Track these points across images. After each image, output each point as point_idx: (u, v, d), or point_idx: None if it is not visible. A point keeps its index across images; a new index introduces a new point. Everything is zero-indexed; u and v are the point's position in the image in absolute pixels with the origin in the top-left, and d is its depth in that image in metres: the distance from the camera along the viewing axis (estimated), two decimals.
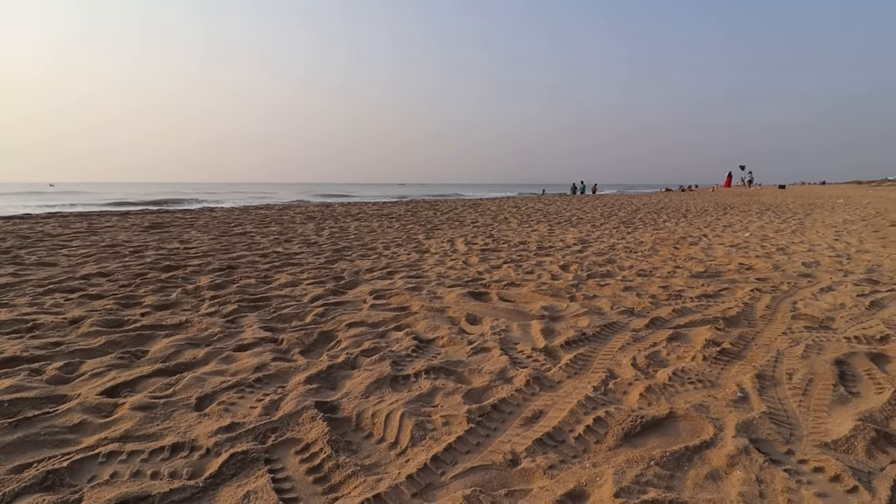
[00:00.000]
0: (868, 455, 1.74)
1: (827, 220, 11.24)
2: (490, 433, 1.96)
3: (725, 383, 2.37)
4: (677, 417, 2.02)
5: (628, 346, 2.90)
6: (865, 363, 2.57)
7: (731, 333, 3.08)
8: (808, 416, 2.04)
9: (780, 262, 5.70)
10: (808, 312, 3.55)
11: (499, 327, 3.23)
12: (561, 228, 9.81)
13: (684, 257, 6.16)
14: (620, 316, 3.53)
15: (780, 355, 2.71)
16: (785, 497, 1.52)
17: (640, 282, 4.69)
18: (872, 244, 7.10)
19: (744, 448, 1.75)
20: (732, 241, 7.61)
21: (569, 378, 2.47)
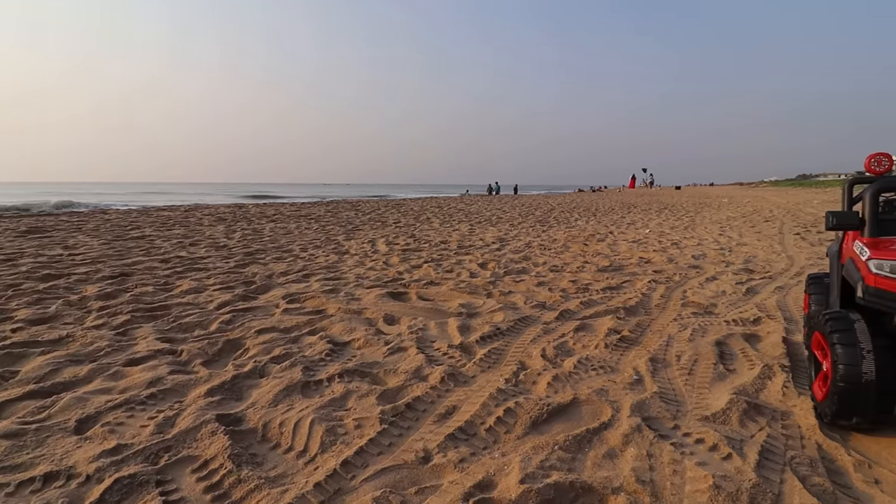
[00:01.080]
0: (741, 424, 1.95)
1: (714, 217, 12.50)
2: (403, 432, 1.95)
3: (624, 368, 2.55)
4: (580, 402, 2.14)
5: (539, 339, 3.03)
6: (741, 343, 2.88)
7: (630, 322, 3.33)
8: (692, 393, 2.25)
9: (673, 255, 6.25)
10: (696, 300, 3.92)
11: (416, 326, 3.23)
12: (481, 228, 10.04)
13: (592, 253, 6.56)
14: (533, 310, 3.67)
15: (671, 339, 2.97)
16: (671, 469, 1.65)
17: (552, 277, 4.92)
18: (749, 238, 8.00)
19: (637, 426, 1.89)
20: (634, 238, 8.22)
21: (483, 372, 2.52)
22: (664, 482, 1.59)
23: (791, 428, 1.93)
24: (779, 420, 1.98)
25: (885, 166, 2.62)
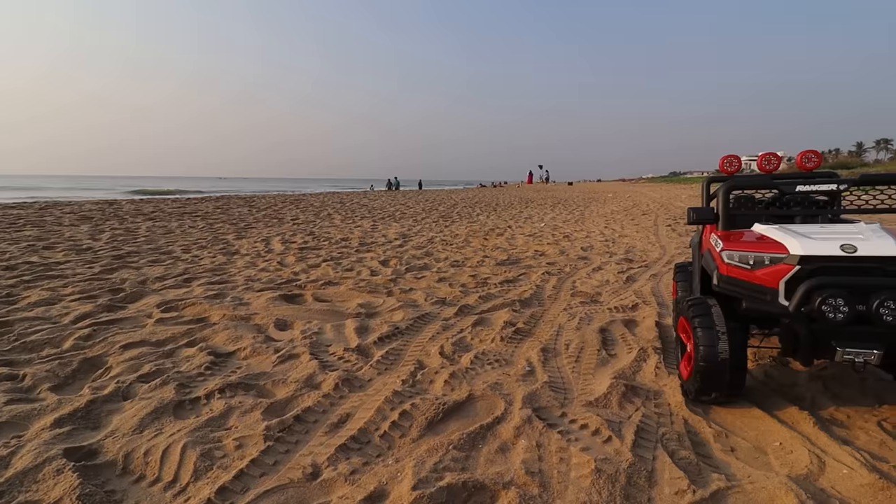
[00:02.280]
0: (620, 407, 2.09)
1: (600, 211, 13.56)
2: (291, 448, 1.81)
3: (517, 360, 2.62)
4: (475, 399, 2.16)
5: (438, 336, 3.02)
6: (621, 328, 3.11)
7: (524, 314, 3.45)
8: (578, 380, 2.37)
9: (565, 247, 6.64)
10: (583, 290, 4.18)
11: (311, 330, 3.07)
12: (384, 224, 9.91)
13: (492, 247, 6.75)
14: (433, 307, 3.66)
15: (561, 329, 3.12)
16: (558, 457, 1.72)
17: (453, 272, 4.97)
18: (630, 230, 8.77)
19: (527, 418, 1.94)
20: (531, 231, 8.62)
21: (379, 375, 2.45)
22: (552, 471, 1.64)
23: (662, 406, 2.10)
24: (652, 400, 2.15)
25: (735, 167, 2.95)
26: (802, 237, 1.91)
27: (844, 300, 1.71)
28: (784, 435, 1.85)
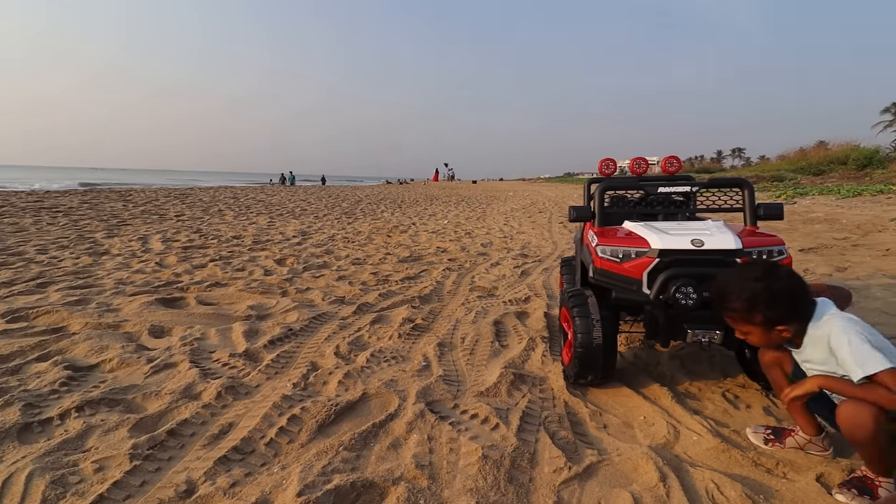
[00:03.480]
0: (508, 395, 2.19)
1: (501, 209, 14.14)
2: (163, 465, 1.66)
3: (414, 356, 2.65)
4: (370, 397, 2.14)
5: (334, 335, 2.95)
6: (514, 320, 3.27)
7: (423, 310, 3.49)
8: (472, 372, 2.45)
9: (466, 244, 6.83)
10: (481, 284, 4.33)
11: (192, 336, 2.83)
12: (283, 220, 9.45)
13: (395, 244, 6.74)
14: (331, 306, 3.57)
15: (458, 323, 3.21)
16: (448, 447, 1.76)
17: (353, 270, 4.88)
18: (527, 227, 9.25)
19: (420, 412, 1.96)
20: (434, 228, 8.74)
21: (268, 380, 2.33)
22: (441, 462, 1.68)
23: (546, 391, 2.24)
24: (537, 386, 2.29)
25: (611, 169, 3.22)
26: (661, 233, 2.14)
27: (693, 288, 1.94)
28: (647, 409, 2.07)
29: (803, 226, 7.72)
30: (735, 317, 1.60)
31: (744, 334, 1.63)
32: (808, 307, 1.55)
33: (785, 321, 1.54)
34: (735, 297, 1.57)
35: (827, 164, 19.06)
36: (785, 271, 1.59)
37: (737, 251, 2.00)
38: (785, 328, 1.55)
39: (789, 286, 1.54)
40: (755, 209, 2.48)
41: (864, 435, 1.37)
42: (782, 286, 1.53)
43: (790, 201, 11.60)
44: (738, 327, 1.63)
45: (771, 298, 1.52)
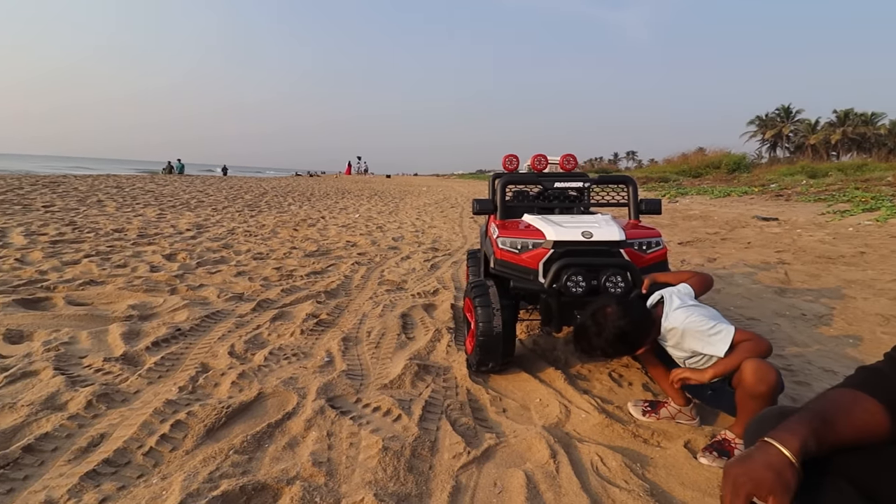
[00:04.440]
0: (412, 386, 2.20)
1: (414, 203, 14.16)
2: (16, 486, 1.45)
3: (317, 352, 2.56)
4: (266, 397, 2.03)
5: (230, 334, 2.77)
6: (421, 312, 3.28)
7: (329, 305, 3.39)
8: (377, 365, 2.43)
9: (377, 238, 6.75)
10: (391, 278, 4.30)
11: (58, 340, 2.50)
12: (175, 213, 8.68)
13: (302, 238, 6.48)
14: (227, 303, 3.35)
15: (365, 317, 3.16)
16: (348, 442, 1.72)
17: (254, 265, 4.61)
18: (439, 221, 9.36)
19: (320, 409, 1.90)
20: (345, 222, 8.54)
21: (150, 385, 2.13)
22: (340, 458, 1.64)
23: (450, 380, 2.28)
24: (441, 375, 2.32)
25: (514, 165, 3.34)
26: (556, 226, 2.26)
27: (583, 276, 2.08)
28: (543, 392, 2.18)
29: (683, 222, 8.62)
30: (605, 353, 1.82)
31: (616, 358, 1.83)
32: (648, 328, 1.77)
33: (638, 346, 1.79)
34: (599, 352, 1.80)
35: (704, 167, 21.41)
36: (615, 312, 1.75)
37: (620, 242, 2.18)
38: (642, 348, 1.80)
39: (622, 330, 1.73)
40: (638, 204, 2.71)
41: (767, 389, 1.51)
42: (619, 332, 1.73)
43: (673, 200, 12.89)
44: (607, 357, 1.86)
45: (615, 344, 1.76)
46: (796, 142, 55.50)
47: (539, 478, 1.57)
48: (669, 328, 1.75)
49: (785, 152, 54.23)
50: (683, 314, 1.72)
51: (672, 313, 1.76)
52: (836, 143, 50.53)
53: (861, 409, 0.90)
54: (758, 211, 9.40)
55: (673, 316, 1.75)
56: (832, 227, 7.04)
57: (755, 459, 0.85)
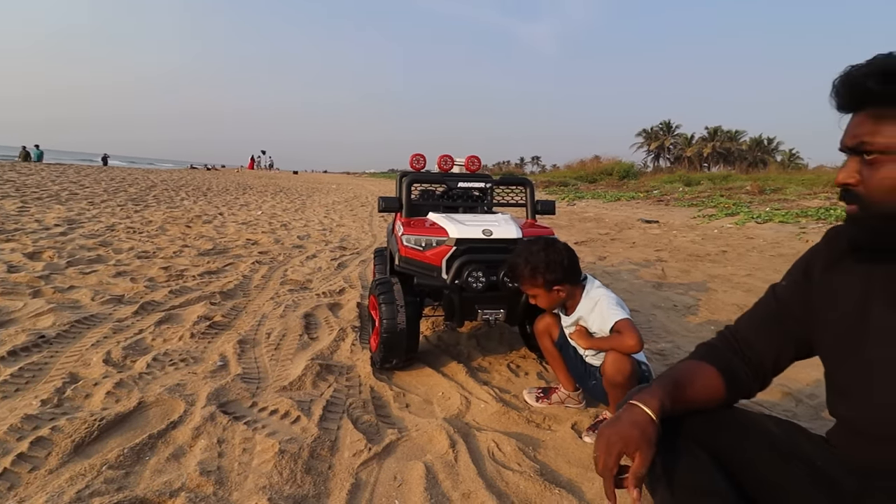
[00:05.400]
0: (313, 386, 2.14)
1: (323, 201, 13.75)
2: None
3: (209, 356, 2.40)
4: (148, 406, 1.87)
5: (105, 340, 2.50)
6: (326, 312, 3.21)
7: (225, 306, 3.19)
8: (276, 367, 2.33)
9: (281, 236, 6.46)
10: (294, 278, 4.15)
11: None
12: (41, 205, 7.62)
13: (195, 235, 6.02)
14: (104, 307, 3.02)
15: (264, 318, 3.02)
16: (241, 448, 1.64)
17: (138, 265, 4.20)
18: (348, 220, 9.17)
19: (210, 416, 1.79)
20: (245, 219, 8.06)
21: (5, 399, 1.87)
22: (232, 465, 1.56)
23: (353, 379, 2.26)
24: (345, 374, 2.29)
25: (421, 164, 3.38)
26: (459, 224, 2.33)
27: (483, 272, 2.17)
28: (446, 385, 2.24)
29: (579, 223, 9.28)
30: (525, 281, 1.87)
31: (533, 298, 1.90)
32: (577, 274, 1.90)
33: (561, 282, 1.85)
34: (523, 265, 1.84)
35: (599, 174, 23.20)
36: (561, 245, 1.89)
37: (517, 240, 2.30)
38: (561, 288, 1.85)
39: (562, 255, 1.85)
40: (535, 205, 2.88)
41: (623, 379, 1.69)
42: (557, 255, 1.84)
43: (571, 203, 13.83)
44: (527, 291, 1.90)
45: (549, 264, 1.82)
46: (676, 153, 62.24)
47: (438, 468, 1.61)
48: (594, 298, 1.87)
49: (666, 162, 60.56)
50: (604, 291, 1.89)
51: (595, 289, 1.91)
52: (708, 155, 57.47)
53: (703, 375, 1.07)
54: (642, 214, 10.40)
55: (595, 291, 1.90)
56: (701, 229, 8.00)
57: (622, 420, 0.97)
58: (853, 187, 0.86)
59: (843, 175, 0.87)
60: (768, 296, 1.13)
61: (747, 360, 1.10)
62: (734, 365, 1.09)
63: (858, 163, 0.85)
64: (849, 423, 0.99)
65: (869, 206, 0.85)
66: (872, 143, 0.81)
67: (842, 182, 0.87)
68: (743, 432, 1.06)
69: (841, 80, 0.85)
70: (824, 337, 1.01)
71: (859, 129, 0.83)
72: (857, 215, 0.87)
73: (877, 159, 0.81)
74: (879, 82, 0.79)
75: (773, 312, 1.10)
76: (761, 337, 1.10)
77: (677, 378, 1.04)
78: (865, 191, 0.84)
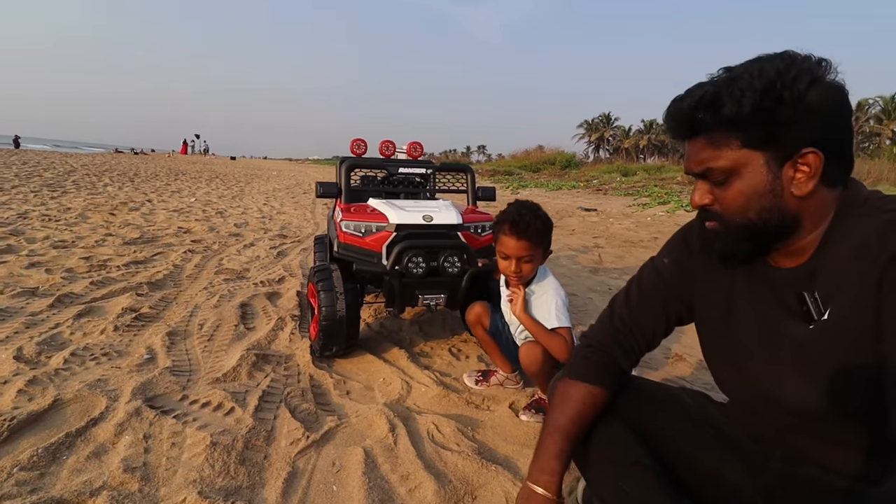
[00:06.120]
0: (249, 377, 2.08)
1: (262, 188, 13.23)
2: None
3: (135, 349, 2.27)
4: (65, 403, 1.75)
5: (16, 336, 2.31)
6: (264, 301, 3.11)
7: (153, 297, 3.02)
8: (209, 359, 2.24)
9: (216, 224, 6.17)
10: (230, 267, 3.99)
11: None
12: None
13: (120, 224, 5.63)
14: (14, 300, 2.78)
15: (197, 309, 2.88)
16: (170, 442, 1.57)
17: (54, 255, 3.88)
18: (289, 207, 8.89)
19: (135, 411, 1.70)
20: (177, 207, 7.62)
21: None
22: (160, 460, 1.49)
23: (291, 368, 2.22)
24: (283, 364, 2.24)
25: (362, 149, 3.33)
26: (399, 209, 2.32)
27: (423, 258, 2.18)
28: (387, 371, 2.25)
29: None
30: (532, 237, 1.77)
31: (528, 260, 1.80)
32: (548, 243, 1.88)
33: (547, 247, 1.86)
34: (534, 219, 1.77)
35: (542, 163, 23.79)
36: None
37: (458, 225, 2.32)
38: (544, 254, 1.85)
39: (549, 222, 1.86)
40: (475, 191, 2.92)
41: (537, 368, 1.78)
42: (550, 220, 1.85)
43: (515, 192, 14.10)
44: (525, 252, 1.78)
45: (550, 225, 1.84)
46: (615, 144, 64.90)
47: (377, 452, 1.62)
48: (545, 287, 1.88)
49: (606, 153, 63.04)
50: (557, 286, 1.90)
51: (549, 277, 1.92)
52: (644, 147, 60.34)
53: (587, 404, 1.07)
54: (582, 202, 10.79)
55: (549, 280, 1.91)
56: (636, 217, 8.42)
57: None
58: (710, 206, 0.90)
59: (698, 197, 0.91)
60: (649, 271, 1.14)
61: (625, 349, 1.12)
62: (611, 367, 1.11)
63: (709, 184, 0.89)
64: (731, 398, 1.10)
65: (726, 221, 0.88)
66: (717, 167, 0.84)
67: (698, 204, 0.91)
68: (660, 407, 1.14)
69: (671, 115, 0.88)
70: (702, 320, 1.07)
71: (702, 156, 0.86)
72: (718, 230, 0.91)
73: (725, 180, 0.85)
74: (710, 114, 0.81)
75: (654, 288, 1.12)
76: (642, 317, 1.12)
77: (567, 429, 1.05)
78: (721, 209, 0.88)
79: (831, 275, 0.83)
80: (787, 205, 0.83)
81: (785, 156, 0.80)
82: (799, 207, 0.83)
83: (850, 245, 0.81)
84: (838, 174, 0.83)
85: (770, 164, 0.81)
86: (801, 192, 0.81)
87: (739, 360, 0.99)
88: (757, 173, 0.82)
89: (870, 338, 0.77)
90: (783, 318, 0.90)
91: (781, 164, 0.81)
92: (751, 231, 0.86)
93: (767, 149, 0.81)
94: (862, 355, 0.79)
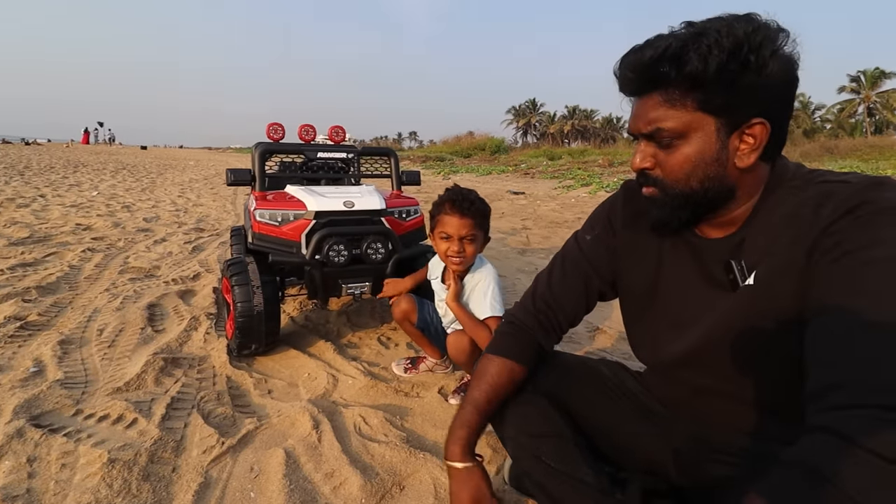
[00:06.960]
0: (156, 384, 1.91)
1: (177, 179, 12.30)
2: None
3: (19, 362, 2.01)
4: None
5: None
6: (175, 300, 2.88)
7: (42, 303, 2.70)
8: (109, 367, 2.03)
9: (122, 219, 5.65)
10: (138, 265, 3.65)
11: None
12: None
13: (5, 222, 4.99)
14: None
15: (96, 313, 2.61)
16: (59, 464, 1.40)
17: None
18: (206, 199, 8.33)
19: (17, 431, 1.50)
20: (76, 201, 6.90)
21: None
22: (47, 485, 1.32)
23: (206, 370, 2.06)
24: (196, 367, 2.08)
25: (279, 134, 3.14)
26: (319, 196, 2.21)
27: (345, 246, 2.09)
28: (312, 366, 2.15)
29: None
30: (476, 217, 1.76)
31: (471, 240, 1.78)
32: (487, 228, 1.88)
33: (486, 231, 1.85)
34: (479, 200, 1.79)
35: (473, 149, 24.04)
36: None
37: (381, 210, 2.25)
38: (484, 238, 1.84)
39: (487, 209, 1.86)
40: (399, 176, 2.85)
41: (465, 358, 1.76)
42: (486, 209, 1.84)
43: (447, 177, 14.14)
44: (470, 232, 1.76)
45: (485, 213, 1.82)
46: (541, 130, 66.89)
47: (300, 451, 1.54)
48: (483, 275, 1.84)
49: (533, 138, 64.84)
50: (495, 276, 1.86)
51: (487, 266, 1.88)
52: (568, 132, 62.71)
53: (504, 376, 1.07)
54: (511, 186, 11.02)
55: (487, 268, 1.87)
56: (561, 199, 8.72)
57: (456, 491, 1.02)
58: (650, 171, 0.86)
59: (640, 160, 0.86)
60: (572, 249, 1.14)
61: (546, 327, 1.12)
62: (531, 344, 1.12)
63: (653, 146, 0.84)
64: (647, 365, 1.14)
65: (666, 187, 0.85)
66: (668, 128, 0.79)
67: (639, 167, 0.87)
68: (580, 380, 1.16)
69: (629, 65, 0.81)
70: (626, 293, 1.10)
71: (653, 114, 0.80)
72: (656, 197, 0.88)
73: (672, 143, 0.81)
74: (674, 68, 0.75)
75: (576, 267, 1.12)
76: (563, 296, 1.12)
77: (478, 401, 1.06)
78: (663, 174, 0.84)
79: (760, 243, 0.83)
80: (728, 175, 0.81)
81: (735, 124, 0.77)
82: (737, 179, 0.81)
83: (782, 214, 0.81)
84: (775, 149, 0.81)
85: (720, 132, 0.78)
86: (744, 164, 0.79)
87: (660, 329, 1.01)
88: (706, 139, 0.79)
89: (790, 303, 0.78)
90: (709, 287, 0.91)
91: (730, 133, 0.78)
92: (690, 200, 0.84)
93: (721, 115, 0.77)
94: (781, 318, 0.80)
